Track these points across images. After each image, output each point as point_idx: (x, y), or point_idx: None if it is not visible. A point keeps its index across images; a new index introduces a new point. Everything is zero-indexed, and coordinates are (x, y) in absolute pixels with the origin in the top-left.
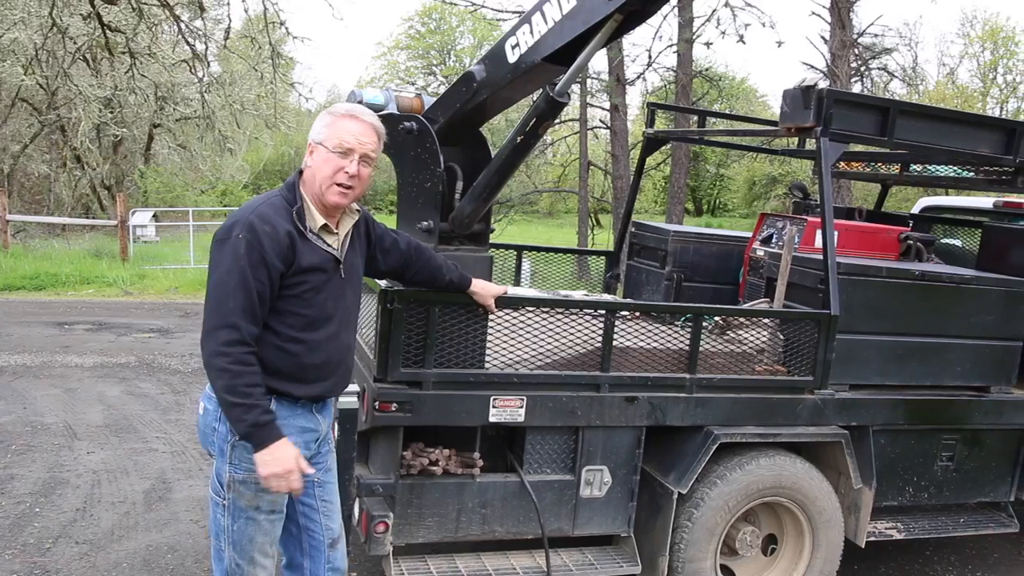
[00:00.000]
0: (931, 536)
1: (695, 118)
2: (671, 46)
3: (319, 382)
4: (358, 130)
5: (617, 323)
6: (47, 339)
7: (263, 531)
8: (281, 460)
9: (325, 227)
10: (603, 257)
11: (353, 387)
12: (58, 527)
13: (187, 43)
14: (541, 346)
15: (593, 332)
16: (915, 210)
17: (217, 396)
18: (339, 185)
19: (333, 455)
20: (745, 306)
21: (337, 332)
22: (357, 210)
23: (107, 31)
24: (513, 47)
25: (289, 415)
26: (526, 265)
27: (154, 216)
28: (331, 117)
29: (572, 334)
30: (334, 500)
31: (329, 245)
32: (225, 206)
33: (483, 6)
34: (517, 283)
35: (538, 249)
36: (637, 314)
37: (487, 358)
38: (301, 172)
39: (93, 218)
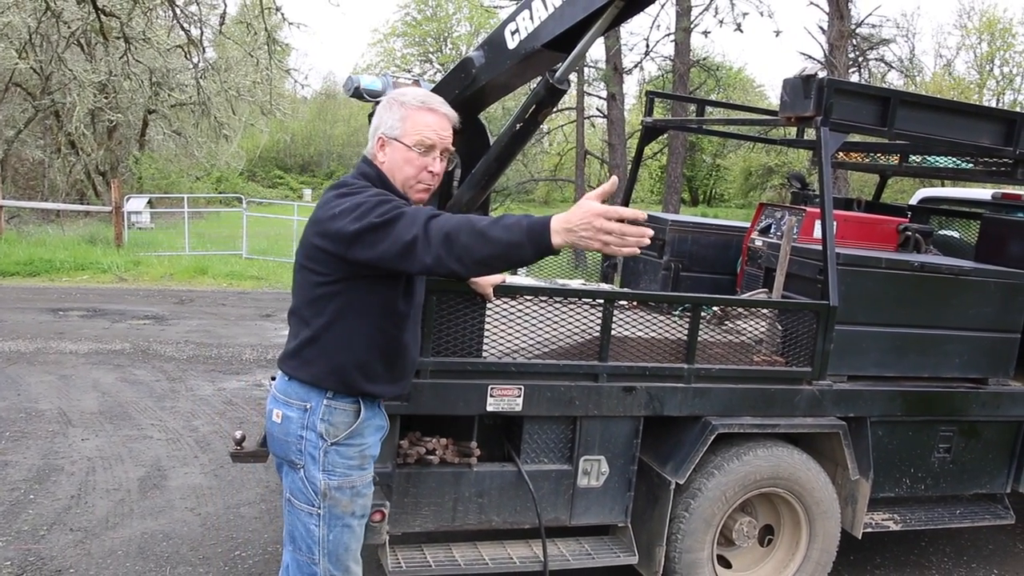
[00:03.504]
0: (927, 527)
1: (693, 108)
2: (669, 35)
3: (402, 381)
4: (437, 124)
5: (615, 312)
6: (41, 325)
7: (357, 537)
8: (578, 219)
9: None
10: None
11: None
12: (52, 514)
13: (182, 28)
14: (539, 335)
15: (591, 321)
16: (913, 201)
17: (479, 267)
18: (423, 184)
19: None
20: (743, 296)
21: (417, 333)
22: None
23: (101, 15)
24: (513, 33)
25: (370, 415)
26: None
27: (149, 202)
28: (404, 109)
29: (570, 323)
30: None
31: None
32: (220, 193)
33: None
34: (514, 272)
35: None
36: (635, 303)
37: (484, 347)
38: (371, 163)
39: (88, 204)
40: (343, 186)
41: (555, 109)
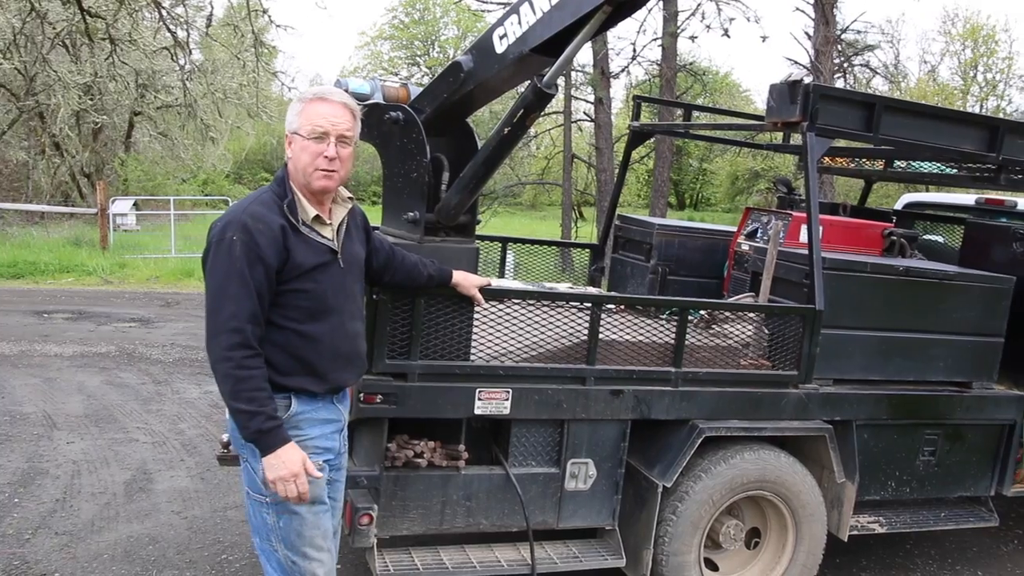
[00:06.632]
0: (913, 530)
1: (679, 112)
2: (656, 39)
3: (333, 373)
4: (329, 112)
5: (603, 316)
6: (26, 328)
7: (309, 524)
8: (287, 464)
9: (318, 218)
10: (588, 250)
11: None
12: (37, 518)
13: (168, 30)
14: (527, 338)
15: (579, 325)
16: (898, 206)
17: (224, 400)
18: (321, 170)
19: (346, 454)
20: (730, 300)
21: (342, 322)
22: (349, 198)
23: (87, 16)
24: (501, 37)
25: (310, 409)
26: (510, 257)
27: (135, 205)
28: (301, 104)
29: (558, 327)
30: (339, 499)
31: (324, 236)
32: (207, 195)
33: None
34: (501, 275)
35: (524, 241)
36: (622, 307)
37: (472, 350)
38: (287, 165)
39: (72, 206)
40: (224, 229)
41: (543, 113)
